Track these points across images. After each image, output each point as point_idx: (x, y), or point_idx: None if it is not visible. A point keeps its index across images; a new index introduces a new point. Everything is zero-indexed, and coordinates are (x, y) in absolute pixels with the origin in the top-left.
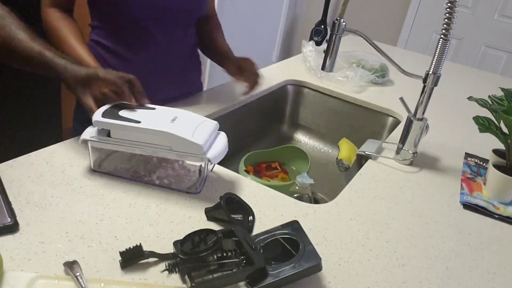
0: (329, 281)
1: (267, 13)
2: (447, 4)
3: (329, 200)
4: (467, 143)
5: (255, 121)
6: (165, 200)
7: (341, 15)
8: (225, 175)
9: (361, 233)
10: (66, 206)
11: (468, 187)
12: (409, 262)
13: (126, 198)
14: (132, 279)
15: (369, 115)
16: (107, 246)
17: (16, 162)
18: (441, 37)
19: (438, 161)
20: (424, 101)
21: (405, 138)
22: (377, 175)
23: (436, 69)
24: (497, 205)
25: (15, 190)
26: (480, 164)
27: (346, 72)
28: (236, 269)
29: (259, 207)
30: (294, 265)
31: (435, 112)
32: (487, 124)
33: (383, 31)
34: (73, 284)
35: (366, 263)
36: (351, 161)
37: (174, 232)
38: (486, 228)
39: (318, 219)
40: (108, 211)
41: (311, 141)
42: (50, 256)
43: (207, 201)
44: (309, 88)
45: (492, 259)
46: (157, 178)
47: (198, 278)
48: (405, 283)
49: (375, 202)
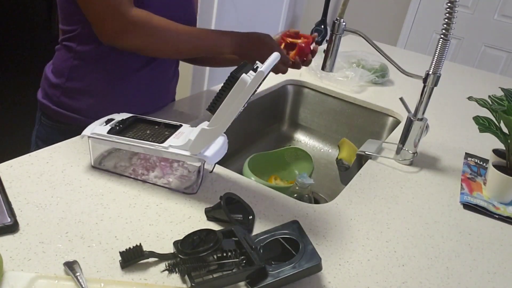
0: (329, 281)
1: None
2: (447, 4)
3: (329, 200)
4: (467, 143)
5: (255, 121)
6: (165, 200)
7: (341, 15)
8: (225, 175)
9: (361, 233)
10: (66, 206)
11: (468, 187)
12: (409, 262)
13: (126, 198)
14: (132, 279)
15: (369, 115)
16: (107, 246)
17: (16, 162)
18: (441, 37)
19: (438, 161)
20: (424, 101)
21: (405, 138)
22: (377, 175)
23: (436, 69)
24: (497, 205)
25: (15, 190)
26: (480, 164)
27: (346, 72)
28: (236, 269)
29: (259, 207)
30: (294, 265)
31: (435, 112)
32: (487, 124)
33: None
34: (73, 284)
35: (366, 263)
36: (351, 161)
37: (174, 232)
38: (486, 228)
39: (318, 219)
40: (108, 211)
41: (311, 141)
42: (50, 256)
43: (207, 201)
44: (309, 88)
45: (492, 259)
46: (155, 177)
47: (198, 278)
48: (405, 283)
49: (375, 202)
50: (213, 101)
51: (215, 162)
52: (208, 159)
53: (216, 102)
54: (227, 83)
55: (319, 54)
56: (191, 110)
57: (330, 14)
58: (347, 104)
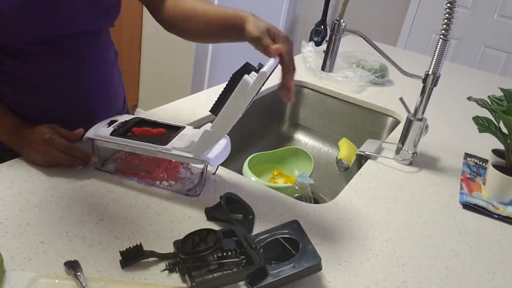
0: (329, 281)
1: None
2: (447, 4)
3: (329, 200)
4: (466, 143)
5: (255, 121)
6: (165, 200)
7: (340, 16)
8: (225, 175)
9: (361, 233)
10: (67, 206)
11: (468, 187)
12: (409, 262)
13: (126, 198)
14: (132, 279)
15: (368, 115)
16: (107, 245)
17: (16, 162)
18: (441, 37)
19: (438, 161)
20: (424, 101)
21: (404, 138)
22: (376, 175)
23: (436, 69)
24: (496, 205)
25: (16, 190)
26: (480, 164)
27: (346, 72)
28: (236, 268)
29: (259, 207)
30: (294, 264)
31: (435, 112)
32: (486, 124)
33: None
34: (73, 283)
35: (366, 262)
36: (351, 161)
37: (174, 232)
38: (486, 228)
39: (318, 219)
40: (109, 210)
41: (311, 141)
42: (50, 256)
43: (207, 201)
44: (309, 89)
45: (492, 259)
46: (158, 179)
47: (198, 277)
48: (404, 283)
49: (375, 202)
50: (215, 103)
51: (218, 164)
52: (211, 161)
53: (219, 103)
54: (230, 84)
55: (319, 54)
56: (191, 110)
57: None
58: (347, 104)
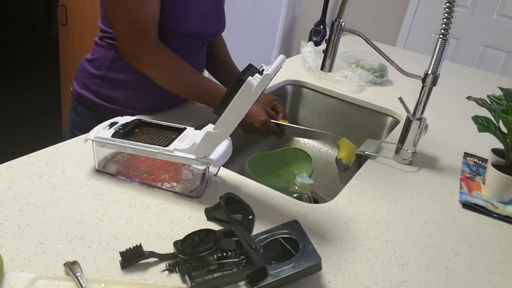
0: (329, 280)
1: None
2: (446, 4)
3: (329, 200)
4: (466, 142)
5: None
6: (165, 200)
7: (340, 15)
8: (225, 176)
9: (360, 233)
10: (66, 206)
11: (467, 187)
12: (409, 262)
13: (126, 198)
14: (132, 279)
15: (368, 115)
16: (107, 246)
17: (16, 162)
18: (440, 37)
19: (437, 161)
20: (423, 100)
21: (404, 137)
22: (376, 175)
23: (435, 69)
24: (496, 204)
25: (15, 190)
26: (479, 164)
27: (345, 72)
28: (236, 269)
29: (259, 207)
30: (294, 264)
31: (434, 112)
32: (486, 124)
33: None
34: (73, 284)
35: (366, 262)
36: (350, 161)
37: (174, 232)
38: (485, 227)
39: (318, 219)
40: (108, 211)
41: (311, 141)
42: (50, 257)
43: (207, 201)
44: (308, 88)
45: (492, 258)
46: (160, 181)
47: (198, 278)
48: (404, 283)
49: (374, 202)
50: (218, 104)
51: (220, 165)
52: (213, 162)
53: (222, 104)
54: (233, 86)
55: (318, 54)
56: (192, 111)
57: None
58: (346, 104)
